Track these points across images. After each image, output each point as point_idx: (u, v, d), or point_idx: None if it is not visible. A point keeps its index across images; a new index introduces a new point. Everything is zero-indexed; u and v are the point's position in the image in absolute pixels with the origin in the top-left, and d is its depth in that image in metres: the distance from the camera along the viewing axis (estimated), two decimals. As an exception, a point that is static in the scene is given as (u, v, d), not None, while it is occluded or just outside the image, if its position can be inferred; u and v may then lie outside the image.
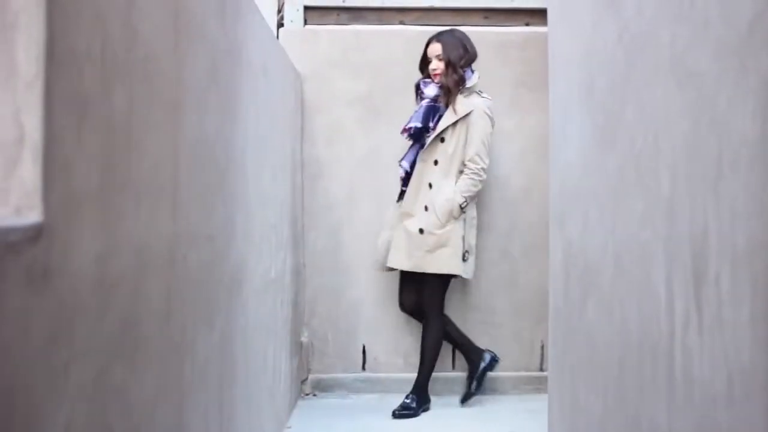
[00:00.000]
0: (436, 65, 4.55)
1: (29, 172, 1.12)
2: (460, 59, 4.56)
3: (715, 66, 1.46)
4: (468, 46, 4.61)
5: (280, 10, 5.18)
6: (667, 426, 1.67)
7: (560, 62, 2.74)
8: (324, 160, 5.00)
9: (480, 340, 5.00)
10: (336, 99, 4.96)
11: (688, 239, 1.57)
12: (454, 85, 4.54)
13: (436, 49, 4.57)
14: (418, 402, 4.54)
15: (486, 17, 5.30)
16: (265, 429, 3.45)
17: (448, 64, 4.54)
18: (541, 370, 4.97)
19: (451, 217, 4.47)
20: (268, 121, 3.48)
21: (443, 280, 4.60)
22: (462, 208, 4.50)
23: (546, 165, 3.14)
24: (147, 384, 1.66)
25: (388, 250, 4.57)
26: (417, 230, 4.46)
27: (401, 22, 5.08)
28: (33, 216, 1.12)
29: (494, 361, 4.73)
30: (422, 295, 4.63)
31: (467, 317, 5.00)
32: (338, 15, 5.25)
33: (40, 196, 1.13)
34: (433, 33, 4.66)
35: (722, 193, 1.42)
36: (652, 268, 1.77)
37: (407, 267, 4.50)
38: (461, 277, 4.58)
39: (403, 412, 4.47)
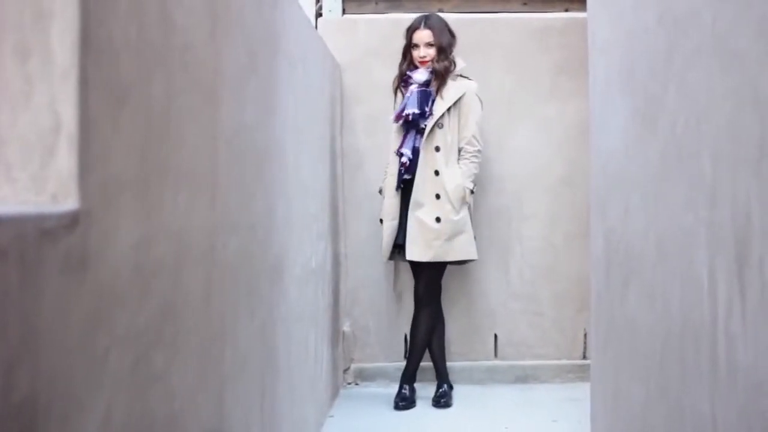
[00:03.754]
0: (426, 52, 4.44)
1: (65, 160, 1.13)
2: (450, 45, 4.48)
3: (758, 46, 1.44)
4: (452, 32, 4.52)
5: (318, 0, 5.19)
6: (710, 413, 1.65)
7: (600, 47, 2.71)
8: (364, 149, 5.00)
9: (522, 329, 4.99)
10: (375, 88, 4.93)
11: (730, 223, 1.55)
12: (445, 71, 4.44)
13: (425, 35, 4.46)
14: (450, 387, 4.57)
15: (525, 3, 5.28)
16: (307, 417, 3.46)
17: (441, 50, 4.45)
18: (584, 358, 4.94)
19: (464, 203, 4.43)
20: (308, 110, 3.48)
21: (443, 269, 4.56)
22: (472, 192, 4.48)
23: (587, 152, 3.11)
24: (188, 371, 1.67)
25: (393, 241, 4.50)
26: (434, 219, 4.37)
27: (440, 10, 5.05)
28: (69, 203, 1.13)
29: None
30: (421, 283, 4.54)
31: (509, 306, 4.99)
32: (376, 4, 5.25)
33: (76, 183, 1.13)
34: (419, 18, 4.54)
35: (766, 176, 1.40)
36: (694, 253, 1.75)
37: (428, 258, 4.39)
38: (470, 261, 4.59)
39: (445, 401, 4.48)
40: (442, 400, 4.48)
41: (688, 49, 1.81)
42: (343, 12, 5.23)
